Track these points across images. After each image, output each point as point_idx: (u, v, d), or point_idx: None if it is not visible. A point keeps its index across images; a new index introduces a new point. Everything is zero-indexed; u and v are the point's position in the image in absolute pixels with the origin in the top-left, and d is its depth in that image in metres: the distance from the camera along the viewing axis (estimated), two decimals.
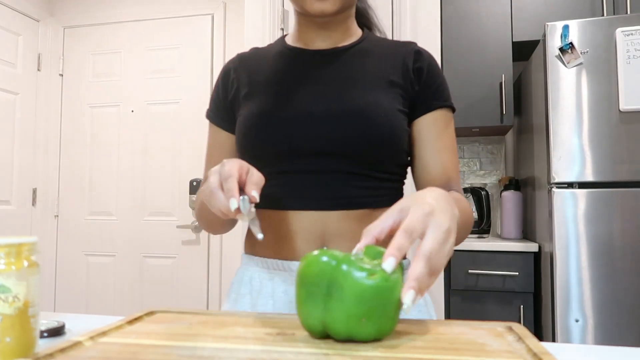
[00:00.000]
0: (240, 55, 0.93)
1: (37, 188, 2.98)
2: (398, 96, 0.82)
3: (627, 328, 1.76)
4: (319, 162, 0.78)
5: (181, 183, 2.82)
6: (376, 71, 0.83)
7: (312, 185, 0.79)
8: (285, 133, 0.79)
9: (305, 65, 0.85)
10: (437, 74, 0.85)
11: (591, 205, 1.82)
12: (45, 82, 3.03)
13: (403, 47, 0.87)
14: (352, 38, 0.88)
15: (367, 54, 0.86)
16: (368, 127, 0.77)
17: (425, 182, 0.84)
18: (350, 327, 0.50)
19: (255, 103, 0.83)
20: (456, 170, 0.85)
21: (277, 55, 0.89)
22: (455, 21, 2.39)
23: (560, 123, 1.87)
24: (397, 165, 0.83)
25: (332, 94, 0.80)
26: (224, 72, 0.92)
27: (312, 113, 0.79)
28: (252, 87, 0.86)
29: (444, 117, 0.85)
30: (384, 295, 0.50)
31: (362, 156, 0.78)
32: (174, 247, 2.82)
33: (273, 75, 0.86)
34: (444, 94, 0.85)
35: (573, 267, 1.81)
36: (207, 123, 3.00)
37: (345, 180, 0.78)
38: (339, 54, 0.85)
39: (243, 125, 0.83)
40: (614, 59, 1.82)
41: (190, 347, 0.49)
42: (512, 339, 0.53)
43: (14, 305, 0.48)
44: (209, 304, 2.76)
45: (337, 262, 0.51)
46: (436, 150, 0.83)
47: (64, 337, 0.64)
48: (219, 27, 2.84)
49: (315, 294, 0.51)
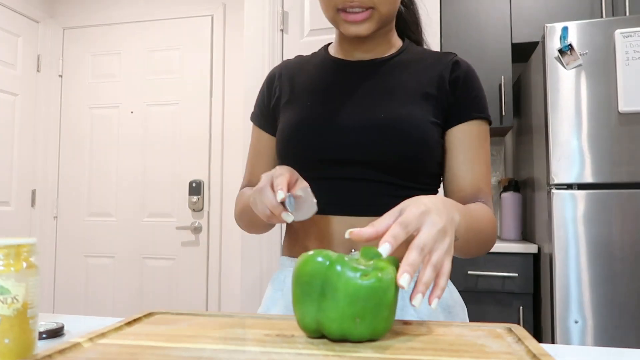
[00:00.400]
0: (284, 62, 0.96)
1: (36, 189, 2.98)
2: (432, 108, 0.82)
3: (627, 329, 1.75)
4: (352, 170, 0.81)
5: (180, 184, 2.82)
6: (413, 83, 0.84)
7: (345, 192, 0.81)
8: (322, 142, 0.82)
9: (344, 75, 0.87)
10: (474, 85, 0.85)
11: (590, 207, 1.82)
12: (45, 83, 3.03)
13: (442, 58, 0.87)
14: (391, 49, 0.89)
15: (406, 65, 0.87)
16: (401, 139, 0.79)
17: (454, 192, 0.84)
18: (344, 327, 0.50)
19: (295, 111, 0.86)
20: (487, 182, 0.84)
21: (319, 64, 0.92)
22: (455, 23, 2.39)
23: (559, 124, 1.87)
24: (429, 176, 0.84)
25: (369, 105, 0.82)
26: (268, 78, 0.95)
27: (348, 123, 0.81)
28: (294, 95, 0.89)
29: (478, 128, 0.84)
30: (378, 295, 0.50)
31: (394, 166, 0.80)
32: (173, 248, 2.82)
33: (314, 85, 0.88)
34: (479, 106, 0.84)
35: (572, 268, 1.81)
36: (206, 123, 3.01)
37: (377, 188, 0.80)
38: (377, 65, 0.87)
39: (283, 133, 0.86)
40: (613, 61, 1.82)
41: (190, 348, 0.49)
42: (511, 340, 0.53)
43: (12, 306, 0.48)
44: (208, 305, 2.76)
45: (330, 262, 0.51)
46: (467, 161, 0.83)
47: (63, 339, 0.64)
48: (218, 28, 2.84)
49: (309, 293, 0.51)
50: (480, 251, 0.77)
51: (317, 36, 2.14)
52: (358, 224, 0.80)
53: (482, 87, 0.86)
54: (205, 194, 2.79)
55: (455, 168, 0.83)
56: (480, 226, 0.74)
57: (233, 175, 2.78)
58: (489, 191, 0.84)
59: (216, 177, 2.79)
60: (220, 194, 2.79)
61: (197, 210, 2.79)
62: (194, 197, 2.77)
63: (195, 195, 2.77)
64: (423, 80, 0.84)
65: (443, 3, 2.37)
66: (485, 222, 0.76)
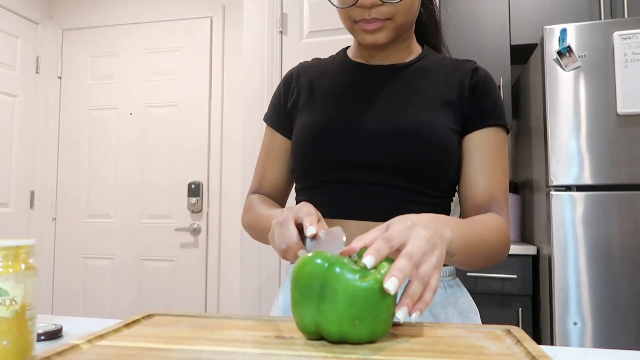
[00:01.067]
0: (302, 64, 0.95)
1: (35, 190, 2.98)
2: (452, 115, 0.82)
3: (626, 331, 1.76)
4: (368, 174, 0.80)
5: (179, 186, 2.82)
6: (432, 90, 0.84)
7: (360, 196, 0.80)
8: (339, 145, 0.81)
9: (364, 80, 0.87)
10: (491, 93, 0.85)
11: (589, 208, 1.82)
12: (44, 85, 3.02)
13: (461, 65, 0.87)
14: (411, 55, 0.89)
15: (425, 72, 0.87)
16: (420, 145, 0.79)
17: (468, 199, 0.83)
18: (343, 329, 0.50)
19: (313, 114, 0.86)
20: (502, 190, 0.82)
21: (337, 67, 0.91)
22: (454, 24, 2.39)
23: (558, 126, 1.87)
24: (447, 183, 0.83)
25: (388, 110, 0.82)
26: (285, 79, 0.94)
27: (367, 127, 0.81)
28: (311, 97, 0.89)
29: (495, 135, 0.83)
30: (377, 297, 0.50)
31: (413, 172, 0.79)
32: (172, 249, 2.81)
33: (332, 88, 0.88)
34: (496, 113, 0.84)
35: (571, 269, 1.81)
36: (205, 125, 3.00)
37: (393, 193, 0.80)
38: (397, 71, 0.87)
39: (299, 135, 0.86)
40: (612, 63, 1.82)
41: (188, 350, 0.49)
42: (510, 342, 0.53)
43: (11, 308, 0.48)
44: (207, 307, 2.76)
45: (329, 264, 0.51)
46: (482, 168, 0.82)
47: (62, 340, 0.64)
48: (217, 30, 2.84)
49: (308, 295, 0.51)
50: (487, 262, 0.76)
51: (316, 38, 2.14)
52: (370, 228, 0.79)
53: (500, 95, 0.86)
54: (204, 196, 2.79)
55: (471, 174, 0.82)
56: (483, 238, 0.73)
57: (232, 177, 2.78)
58: (505, 198, 0.82)
59: (215, 179, 2.79)
60: (220, 196, 2.79)
61: (196, 212, 2.79)
62: (192, 199, 2.77)
63: (194, 197, 2.77)
64: (443, 87, 0.84)
65: (442, 5, 2.37)
66: (490, 234, 0.75)
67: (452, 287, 0.84)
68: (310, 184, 0.85)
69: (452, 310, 0.81)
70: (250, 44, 2.20)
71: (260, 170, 0.95)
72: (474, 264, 0.74)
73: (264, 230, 0.79)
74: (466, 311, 0.83)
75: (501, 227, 0.77)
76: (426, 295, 0.52)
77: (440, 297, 0.81)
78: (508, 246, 0.79)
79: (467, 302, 0.85)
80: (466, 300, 0.85)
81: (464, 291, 0.87)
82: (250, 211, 0.89)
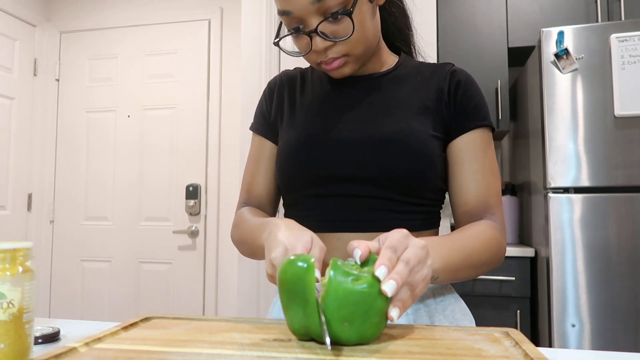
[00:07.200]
0: (284, 73, 0.96)
1: (32, 193, 2.97)
2: (432, 121, 0.81)
3: (624, 333, 1.76)
4: (352, 187, 0.79)
5: (177, 188, 2.82)
6: (410, 97, 0.83)
7: (345, 209, 0.80)
8: (321, 159, 0.81)
9: (342, 91, 0.87)
10: (473, 94, 0.83)
11: (587, 210, 1.82)
12: (42, 87, 3.02)
13: (439, 70, 0.86)
14: (386, 65, 0.89)
15: (403, 79, 0.86)
16: (400, 154, 0.77)
17: (460, 206, 0.81)
18: (332, 331, 0.50)
19: (294, 130, 0.86)
20: (494, 194, 0.80)
21: (318, 78, 0.92)
22: (452, 27, 2.40)
23: (555, 128, 1.88)
24: (432, 191, 0.82)
25: (367, 120, 0.81)
26: (269, 88, 0.95)
27: (345, 140, 0.80)
28: (292, 111, 0.89)
29: (481, 136, 0.81)
30: (368, 301, 0.50)
31: (396, 182, 0.78)
32: (170, 252, 2.81)
33: (312, 99, 0.88)
34: (481, 114, 0.82)
35: (569, 272, 1.81)
36: (203, 127, 3.00)
37: (377, 204, 0.79)
38: (374, 80, 0.86)
39: (281, 153, 0.86)
40: (609, 65, 1.83)
41: (186, 353, 0.49)
42: (508, 344, 0.53)
43: (8, 311, 0.48)
44: (205, 310, 2.75)
45: (308, 265, 0.50)
46: (471, 173, 0.80)
47: (59, 343, 0.63)
48: (215, 32, 2.85)
49: (293, 299, 0.51)
50: (478, 273, 0.75)
51: None
52: (358, 240, 0.79)
53: (482, 94, 0.85)
54: (202, 198, 2.79)
55: (460, 180, 0.81)
56: (468, 252, 0.72)
57: (230, 179, 2.78)
58: (497, 201, 0.80)
59: (213, 181, 2.79)
60: (218, 198, 2.78)
61: (194, 214, 2.79)
62: (190, 201, 2.77)
63: (192, 199, 2.77)
64: (421, 94, 0.83)
65: (440, 7, 2.38)
66: (478, 245, 0.74)
67: (443, 295, 0.84)
68: (295, 198, 0.85)
69: (442, 320, 0.80)
70: (248, 46, 2.21)
71: (249, 180, 0.94)
72: (463, 278, 0.74)
73: (252, 243, 0.79)
74: (457, 320, 0.82)
75: (492, 235, 0.76)
76: (408, 302, 0.54)
77: (433, 304, 0.81)
78: (501, 252, 0.78)
79: (460, 310, 0.84)
80: (459, 309, 0.84)
81: (458, 300, 0.86)
82: (240, 225, 0.87)
